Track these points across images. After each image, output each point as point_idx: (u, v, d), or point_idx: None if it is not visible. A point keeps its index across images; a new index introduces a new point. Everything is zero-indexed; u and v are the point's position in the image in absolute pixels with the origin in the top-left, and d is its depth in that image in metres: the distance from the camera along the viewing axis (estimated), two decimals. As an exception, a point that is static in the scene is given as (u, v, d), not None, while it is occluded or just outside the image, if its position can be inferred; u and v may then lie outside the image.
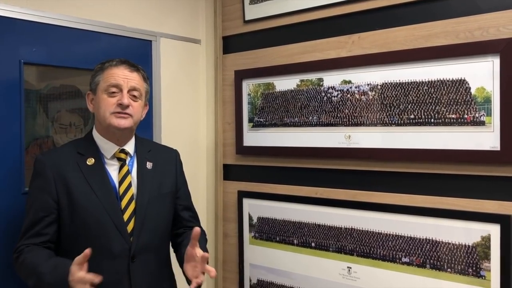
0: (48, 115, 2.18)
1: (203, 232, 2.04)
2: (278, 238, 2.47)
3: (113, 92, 1.77)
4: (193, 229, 1.70)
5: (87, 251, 1.55)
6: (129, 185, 1.81)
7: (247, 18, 2.58)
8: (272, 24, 2.49)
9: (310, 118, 2.33)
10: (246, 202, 2.60)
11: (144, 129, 2.49)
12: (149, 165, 1.90)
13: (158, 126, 2.55)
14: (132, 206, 1.79)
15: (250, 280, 2.59)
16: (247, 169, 2.63)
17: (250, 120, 2.57)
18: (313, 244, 2.34)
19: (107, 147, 1.83)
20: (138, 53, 2.48)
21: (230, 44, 2.70)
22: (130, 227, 1.78)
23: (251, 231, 2.58)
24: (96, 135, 1.85)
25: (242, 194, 2.62)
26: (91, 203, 1.73)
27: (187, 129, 2.72)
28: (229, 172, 2.72)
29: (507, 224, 1.80)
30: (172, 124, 2.62)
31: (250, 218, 2.59)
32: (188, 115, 2.72)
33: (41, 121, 2.16)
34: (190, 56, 2.73)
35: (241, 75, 2.59)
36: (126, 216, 1.77)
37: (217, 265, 2.74)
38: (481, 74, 1.84)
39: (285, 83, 2.42)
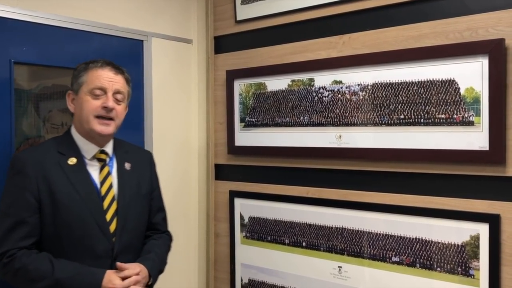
0: (40, 115, 2.17)
1: (166, 239, 2.06)
2: (269, 238, 2.47)
3: (98, 95, 1.76)
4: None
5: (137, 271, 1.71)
6: (111, 186, 1.81)
7: (238, 18, 2.59)
8: (263, 24, 2.49)
9: (301, 118, 2.33)
10: (238, 202, 2.61)
11: (135, 129, 2.49)
12: (127, 166, 1.90)
13: (149, 126, 2.55)
14: (114, 207, 1.80)
15: (242, 280, 2.60)
16: (238, 169, 2.63)
17: (242, 120, 2.57)
18: (304, 244, 2.35)
19: (88, 148, 1.82)
20: (129, 53, 2.47)
21: (222, 44, 2.71)
22: (112, 227, 1.78)
23: (243, 231, 2.58)
24: (76, 135, 1.83)
25: (234, 194, 2.62)
26: (74, 203, 1.72)
27: (179, 129, 2.72)
28: (221, 172, 2.72)
29: (496, 223, 1.81)
30: (163, 124, 2.61)
31: (242, 217, 2.59)
32: (180, 115, 2.72)
33: (33, 121, 2.15)
34: (182, 56, 2.73)
35: (232, 75, 2.59)
36: (108, 216, 1.78)
37: (208, 265, 2.74)
38: (470, 75, 1.85)
39: (277, 83, 2.42)
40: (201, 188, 2.79)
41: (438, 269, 1.95)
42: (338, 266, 2.23)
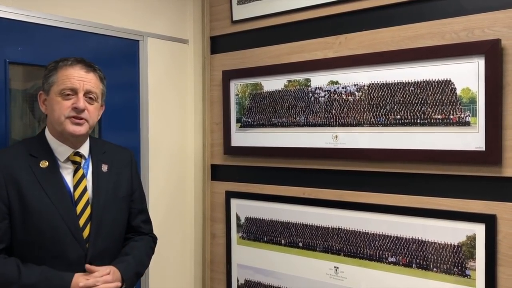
0: (35, 115, 2.16)
1: (147, 241, 1.99)
2: (265, 238, 2.47)
3: (68, 95, 1.69)
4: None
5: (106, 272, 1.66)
6: (85, 189, 1.75)
7: (235, 18, 2.58)
8: (260, 25, 2.49)
9: (298, 118, 2.33)
10: (234, 202, 2.60)
11: (131, 129, 2.49)
12: (104, 167, 1.84)
13: (145, 127, 2.54)
14: (88, 211, 1.74)
15: (238, 281, 2.59)
16: (235, 170, 2.63)
17: (238, 121, 2.56)
18: (300, 244, 2.34)
19: (61, 150, 1.75)
20: (125, 53, 2.47)
21: (218, 44, 2.70)
22: (86, 233, 1.72)
23: (239, 232, 2.58)
24: (49, 136, 1.77)
25: (230, 194, 2.62)
26: (45, 208, 1.65)
27: (175, 130, 2.71)
28: (217, 173, 2.72)
29: (492, 224, 1.82)
30: (159, 125, 2.61)
31: (238, 218, 2.58)
32: (176, 116, 2.72)
33: (28, 121, 2.14)
34: (178, 56, 2.72)
35: (229, 75, 2.59)
36: (81, 222, 1.72)
37: (204, 265, 2.74)
38: (467, 75, 1.86)
39: (273, 84, 2.42)
40: (197, 188, 2.79)
41: (435, 269, 1.95)
42: (335, 267, 2.23)
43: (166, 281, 2.65)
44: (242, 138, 2.55)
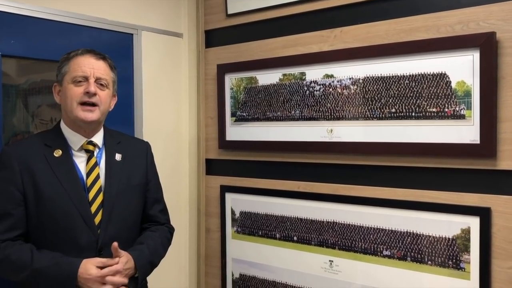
0: (29, 110, 2.15)
1: (164, 230, 2.02)
2: (260, 233, 2.47)
3: (80, 81, 1.75)
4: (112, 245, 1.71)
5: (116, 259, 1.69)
6: (97, 177, 1.79)
7: (229, 12, 2.57)
8: (254, 18, 2.48)
9: (293, 112, 2.32)
10: (229, 196, 2.60)
11: (126, 123, 2.47)
12: (118, 156, 1.88)
13: (139, 121, 2.53)
14: (100, 198, 1.78)
15: (233, 275, 2.59)
16: (229, 164, 2.62)
17: (233, 115, 2.56)
18: (295, 238, 2.34)
19: (75, 139, 1.80)
20: (119, 47, 2.45)
21: (213, 38, 2.69)
22: (97, 219, 1.76)
23: (234, 226, 2.58)
24: (63, 127, 1.82)
25: (225, 189, 2.61)
26: (58, 195, 1.71)
27: (169, 124, 2.71)
28: (212, 167, 2.71)
29: (486, 217, 1.82)
30: (154, 119, 2.60)
31: (233, 212, 2.58)
32: (170, 110, 2.71)
33: (21, 116, 2.13)
34: (172, 50, 2.71)
35: (223, 69, 2.58)
36: (93, 208, 1.76)
37: (199, 260, 2.74)
38: (462, 68, 1.86)
39: (268, 77, 2.41)
40: (192, 183, 2.78)
41: (429, 262, 1.96)
42: (329, 260, 2.23)
43: (161, 276, 2.64)
44: (237, 132, 2.55)
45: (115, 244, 1.70)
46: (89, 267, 1.66)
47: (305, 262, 2.31)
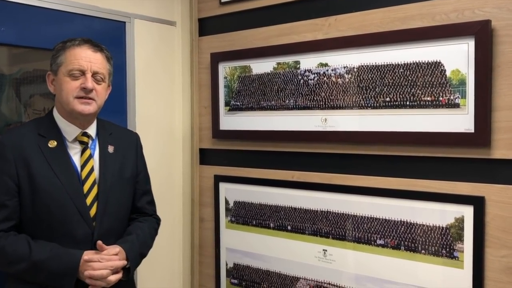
0: (21, 100, 2.13)
1: (151, 222, 2.02)
2: (254, 222, 2.46)
3: (76, 76, 1.72)
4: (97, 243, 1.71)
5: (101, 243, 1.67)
6: (92, 169, 1.78)
7: (223, 0, 2.54)
8: (248, 6, 2.46)
9: (287, 101, 2.31)
10: (223, 186, 2.59)
11: (118, 112, 2.45)
12: (110, 148, 1.87)
13: (132, 110, 2.51)
14: (94, 191, 1.77)
15: (227, 264, 2.59)
16: (223, 153, 2.61)
17: (227, 104, 2.54)
18: (289, 228, 2.34)
19: (69, 130, 1.78)
20: (111, 35, 2.43)
21: (206, 26, 2.67)
22: (92, 211, 1.75)
23: (228, 215, 2.57)
24: (57, 116, 1.79)
25: (219, 179, 2.60)
26: (53, 187, 1.69)
27: (162, 113, 2.69)
28: (205, 157, 2.70)
29: (480, 206, 1.82)
30: (146, 108, 2.58)
31: (227, 202, 2.57)
32: (163, 99, 2.69)
33: (14, 106, 2.12)
34: (165, 38, 2.68)
35: (217, 58, 2.56)
36: (89, 201, 1.75)
37: (193, 249, 2.73)
38: (456, 57, 1.84)
39: (262, 66, 2.39)
40: (186, 173, 2.77)
41: (423, 251, 1.96)
42: (323, 250, 2.23)
43: (155, 266, 2.64)
44: (230, 121, 2.53)
45: (100, 242, 1.70)
46: (90, 258, 1.66)
47: (299, 251, 2.31)
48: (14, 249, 1.64)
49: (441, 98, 1.89)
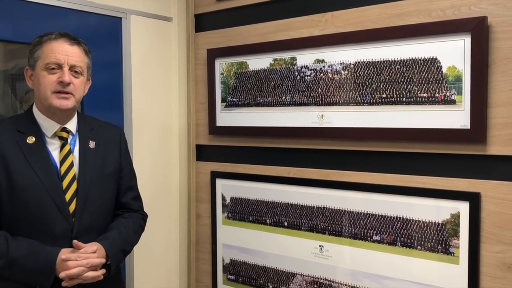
0: (17, 96, 2.12)
1: (136, 217, 1.99)
2: (251, 218, 2.47)
3: (53, 69, 1.69)
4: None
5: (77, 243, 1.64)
6: (71, 165, 1.75)
7: (219, -4, 2.54)
8: (245, 2, 2.45)
9: (283, 97, 2.31)
10: (219, 182, 2.59)
11: (114, 109, 2.45)
12: (91, 144, 1.84)
13: (128, 106, 2.50)
14: (74, 186, 1.74)
15: (223, 260, 2.59)
16: (220, 150, 2.61)
17: (223, 100, 2.54)
18: (285, 224, 2.34)
19: (48, 126, 1.75)
20: (107, 31, 2.42)
21: (203, 22, 2.66)
22: (72, 207, 1.73)
23: (224, 212, 2.57)
24: (36, 112, 1.77)
25: (215, 175, 2.60)
26: (31, 183, 1.67)
27: (159, 109, 2.68)
28: (202, 153, 2.70)
29: (476, 202, 1.83)
30: (143, 105, 2.57)
31: (223, 198, 2.57)
32: (160, 95, 2.68)
33: (9, 102, 2.11)
34: (162, 34, 2.68)
35: (213, 54, 2.55)
36: (68, 197, 1.73)
37: (190, 246, 2.73)
38: (453, 53, 1.85)
39: (259, 62, 2.39)
40: (182, 169, 2.77)
41: (419, 247, 1.97)
42: (320, 245, 2.24)
43: (152, 262, 2.64)
44: (227, 117, 2.53)
45: (75, 241, 1.67)
46: (67, 257, 1.63)
47: (295, 247, 2.31)
48: None
49: (437, 95, 1.89)
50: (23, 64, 2.14)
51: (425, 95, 1.92)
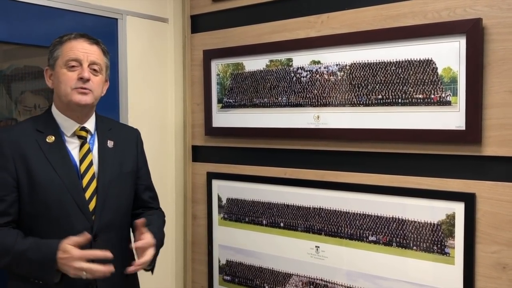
0: (12, 97, 2.12)
1: (160, 214, 2.07)
2: (247, 219, 2.47)
3: (73, 66, 1.72)
4: (136, 222, 1.73)
5: (88, 236, 1.63)
6: (90, 164, 1.78)
7: (215, -3, 2.55)
8: (241, 3, 2.45)
9: (279, 98, 2.32)
10: (215, 183, 2.59)
11: (111, 109, 2.44)
12: (110, 143, 1.87)
13: (124, 107, 2.50)
14: (93, 185, 1.77)
15: (219, 261, 2.59)
16: (216, 150, 2.61)
17: (219, 101, 2.54)
18: (281, 224, 2.35)
19: (67, 125, 1.78)
20: (103, 32, 2.41)
21: (199, 23, 2.66)
22: (92, 205, 1.75)
23: (220, 212, 2.57)
24: (55, 112, 1.80)
25: (211, 176, 2.60)
26: (52, 181, 1.69)
27: (155, 110, 2.68)
28: (198, 154, 2.70)
29: (471, 202, 1.84)
30: (139, 105, 2.57)
31: (219, 199, 2.58)
32: (156, 96, 2.68)
33: (4, 103, 2.11)
34: (158, 35, 2.68)
35: (209, 55, 2.56)
36: (87, 195, 1.75)
37: (186, 246, 2.73)
38: (448, 55, 1.86)
39: (255, 63, 2.40)
40: (178, 170, 2.77)
41: (414, 248, 1.97)
42: (316, 246, 2.24)
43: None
44: (223, 118, 2.53)
45: (141, 220, 1.72)
46: (69, 248, 1.61)
47: (291, 248, 2.32)
48: (1, 242, 1.64)
49: (432, 96, 1.90)
50: (18, 65, 2.15)
51: (420, 96, 1.93)
